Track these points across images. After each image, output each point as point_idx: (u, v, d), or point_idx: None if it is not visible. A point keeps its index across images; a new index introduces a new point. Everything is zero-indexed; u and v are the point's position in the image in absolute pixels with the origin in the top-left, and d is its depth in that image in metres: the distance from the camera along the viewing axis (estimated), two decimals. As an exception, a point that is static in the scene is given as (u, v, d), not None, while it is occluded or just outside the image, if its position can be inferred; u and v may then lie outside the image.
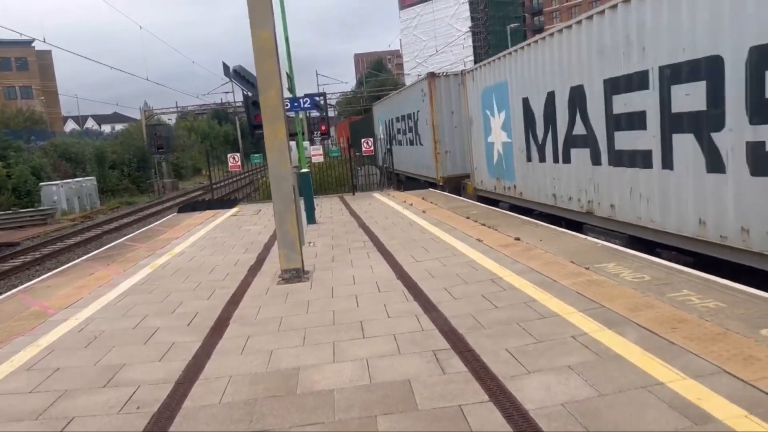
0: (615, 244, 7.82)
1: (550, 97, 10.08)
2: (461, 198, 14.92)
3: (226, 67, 15.22)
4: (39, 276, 10.72)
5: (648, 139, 7.44)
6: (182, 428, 3.67)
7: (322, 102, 24.93)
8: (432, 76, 17.11)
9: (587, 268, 6.36)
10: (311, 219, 12.35)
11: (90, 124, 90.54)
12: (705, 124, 6.43)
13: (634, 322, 4.64)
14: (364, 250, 8.97)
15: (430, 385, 3.96)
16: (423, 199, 14.91)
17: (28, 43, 58.25)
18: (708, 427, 3.09)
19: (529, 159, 11.36)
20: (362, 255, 8.56)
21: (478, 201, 14.25)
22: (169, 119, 62.06)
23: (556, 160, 10.16)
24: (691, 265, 6.33)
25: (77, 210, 29.28)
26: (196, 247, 10.49)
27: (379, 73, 79.27)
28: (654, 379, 3.66)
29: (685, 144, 6.79)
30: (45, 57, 70.45)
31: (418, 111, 18.27)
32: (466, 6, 79.45)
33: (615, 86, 8.10)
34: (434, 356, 4.45)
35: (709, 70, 6.29)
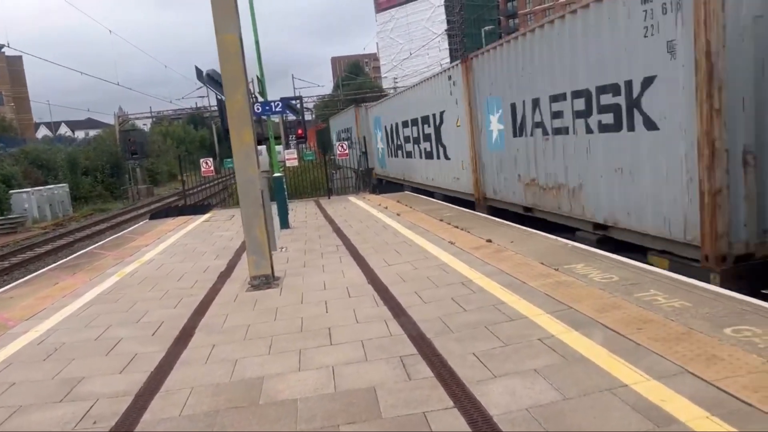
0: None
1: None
2: (435, 200, 14.91)
3: (198, 71, 15.02)
4: (4, 286, 10.42)
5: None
6: (139, 443, 3.56)
7: (298, 105, 24.82)
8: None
9: (556, 269, 6.36)
10: (285, 224, 12.23)
11: (63, 130, 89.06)
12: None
13: (601, 324, 4.63)
14: (336, 254, 8.89)
15: (396, 391, 3.90)
16: (398, 201, 14.86)
17: (-3, 49, 57.12)
18: (670, 429, 3.07)
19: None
20: (334, 260, 8.48)
21: None
22: (144, 124, 61.39)
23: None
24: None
25: (49, 218, 28.68)
26: (165, 255, 10.31)
27: (356, 77, 79.22)
28: (619, 381, 3.65)
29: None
30: (15, 63, 69.13)
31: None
32: (442, 9, 79.83)
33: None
34: (401, 362, 4.39)
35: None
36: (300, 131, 25.08)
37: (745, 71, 5.75)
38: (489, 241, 8.34)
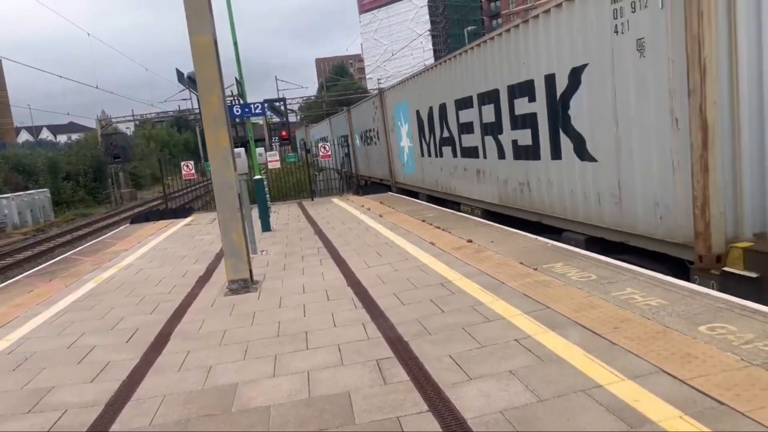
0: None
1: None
2: (418, 201, 14.88)
3: (180, 73, 14.90)
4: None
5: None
6: (106, 454, 3.48)
7: (282, 107, 24.70)
8: None
9: (535, 269, 6.34)
10: (266, 227, 12.13)
11: (45, 134, 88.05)
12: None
13: (578, 323, 4.61)
14: (317, 257, 8.82)
15: (370, 396, 3.85)
16: (381, 203, 14.82)
17: (-25, 52, 56.25)
18: (643, 429, 3.05)
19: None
20: (315, 262, 8.41)
21: None
22: (127, 128, 60.72)
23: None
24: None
25: (30, 223, 28.28)
26: (145, 259, 10.17)
27: (340, 78, 79.10)
28: (593, 382, 3.62)
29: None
30: (-6, 66, 68.19)
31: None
32: (426, 9, 79.89)
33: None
34: (377, 366, 4.34)
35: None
36: (284, 133, 25.01)
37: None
38: (470, 241, 8.32)
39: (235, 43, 11.53)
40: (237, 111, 11.32)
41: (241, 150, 9.97)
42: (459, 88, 11.89)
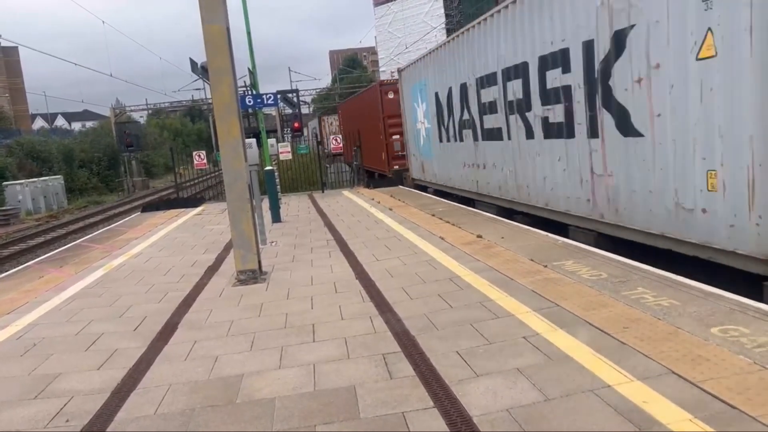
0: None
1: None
2: (428, 195, 14.82)
3: (193, 63, 14.91)
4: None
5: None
6: (111, 442, 3.48)
7: (294, 99, 24.65)
8: None
9: (545, 266, 6.28)
10: (276, 218, 12.13)
11: (60, 122, 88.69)
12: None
13: (587, 322, 4.55)
14: (326, 249, 8.80)
15: (376, 391, 3.82)
16: (391, 196, 14.77)
17: (-8, 39, 56.66)
18: (652, 431, 2.99)
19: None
20: (324, 254, 8.39)
21: None
22: (141, 117, 61.09)
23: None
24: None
25: (43, 210, 28.54)
26: (154, 248, 10.21)
27: (353, 70, 78.87)
28: (602, 382, 3.57)
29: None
30: (11, 53, 68.65)
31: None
32: (440, 3, 79.46)
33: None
34: (383, 360, 4.31)
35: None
36: (296, 124, 24.97)
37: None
38: (479, 236, 8.26)
39: (249, 33, 11.50)
40: (249, 101, 11.29)
41: (252, 141, 9.95)
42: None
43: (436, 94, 14.14)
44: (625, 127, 6.85)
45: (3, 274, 9.45)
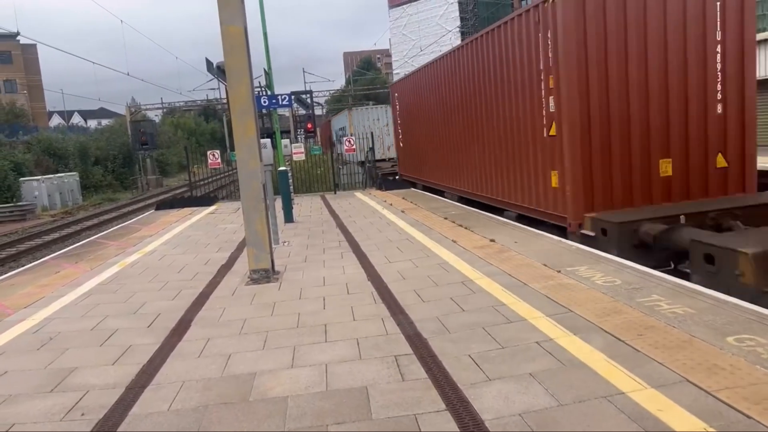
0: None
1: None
2: (441, 198, 14.81)
3: (209, 63, 15.03)
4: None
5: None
6: (125, 437, 3.51)
7: (308, 100, 24.76)
8: None
9: (559, 271, 6.26)
10: (289, 218, 12.19)
11: (76, 119, 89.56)
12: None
13: (601, 328, 4.53)
14: (338, 250, 8.82)
15: (388, 392, 3.83)
16: (403, 198, 14.78)
17: (12, 37, 57.45)
18: (666, 440, 2.98)
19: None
20: (336, 255, 8.41)
21: None
22: (155, 115, 61.59)
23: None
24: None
25: (59, 206, 28.85)
26: (168, 246, 10.29)
27: (367, 72, 79.04)
28: (615, 389, 3.55)
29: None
30: (30, 51, 69.51)
31: None
32: (456, 6, 79.46)
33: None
34: (395, 362, 4.32)
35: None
36: (309, 125, 25.05)
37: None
38: (492, 240, 8.25)
39: (265, 34, 11.58)
40: (264, 102, 11.36)
41: (267, 141, 10.01)
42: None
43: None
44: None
45: (20, 269, 9.56)
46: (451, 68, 13.26)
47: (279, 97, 11.51)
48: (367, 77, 74.31)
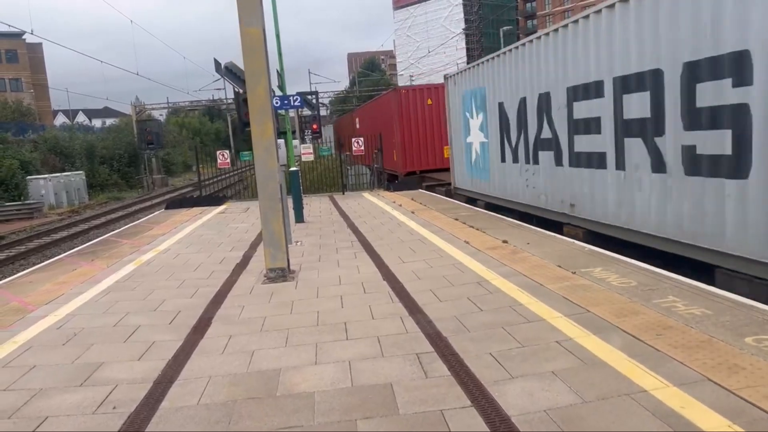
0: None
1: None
2: (450, 199, 14.88)
3: (217, 63, 15.11)
4: (22, 271, 10.55)
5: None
6: (158, 429, 3.59)
7: (314, 101, 24.82)
8: None
9: (574, 273, 6.33)
10: (300, 218, 12.27)
11: (81, 118, 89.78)
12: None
13: (620, 328, 4.61)
14: (351, 250, 8.91)
15: (412, 389, 3.90)
16: (412, 199, 14.86)
17: (18, 36, 57.72)
18: (690, 436, 3.05)
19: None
20: (349, 255, 8.49)
21: None
22: (160, 115, 61.74)
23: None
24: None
25: (65, 204, 29.01)
26: (181, 244, 10.38)
27: (371, 73, 79.23)
28: (638, 387, 3.63)
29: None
30: (36, 50, 69.81)
31: None
32: (460, 8, 79.50)
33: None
34: (417, 359, 4.39)
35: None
36: (315, 126, 25.12)
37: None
38: (505, 242, 8.32)
39: (278, 36, 11.67)
40: (276, 103, 11.44)
41: (281, 141, 10.09)
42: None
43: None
44: None
45: (36, 266, 9.67)
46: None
47: (291, 98, 11.60)
48: (371, 78, 74.47)
